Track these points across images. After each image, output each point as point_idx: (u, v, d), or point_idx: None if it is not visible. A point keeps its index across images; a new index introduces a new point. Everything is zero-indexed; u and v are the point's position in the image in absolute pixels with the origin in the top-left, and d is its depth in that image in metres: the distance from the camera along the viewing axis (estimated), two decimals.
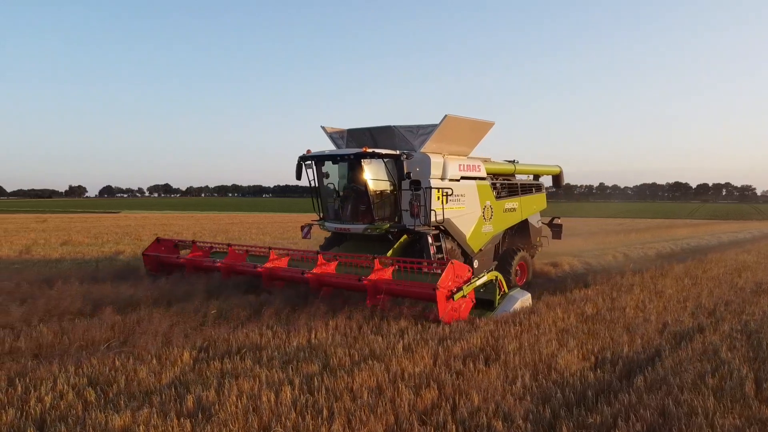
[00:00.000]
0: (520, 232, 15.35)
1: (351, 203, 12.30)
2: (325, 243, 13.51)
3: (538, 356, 7.07)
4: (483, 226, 13.21)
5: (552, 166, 17.35)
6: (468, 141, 13.01)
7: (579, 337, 8.07)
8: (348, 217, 12.32)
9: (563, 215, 54.05)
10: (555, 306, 10.20)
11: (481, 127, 13.09)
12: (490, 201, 13.44)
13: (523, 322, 8.82)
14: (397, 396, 5.59)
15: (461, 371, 6.43)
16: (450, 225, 12.13)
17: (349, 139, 13.32)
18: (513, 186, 14.89)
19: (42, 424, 5.03)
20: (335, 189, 12.71)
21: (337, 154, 12.02)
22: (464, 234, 12.55)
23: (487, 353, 7.17)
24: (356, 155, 11.46)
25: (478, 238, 13.05)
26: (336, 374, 6.17)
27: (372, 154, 11.29)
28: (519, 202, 14.83)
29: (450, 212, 12.05)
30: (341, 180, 12.69)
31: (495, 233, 13.74)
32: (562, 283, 14.22)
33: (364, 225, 11.78)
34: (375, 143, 12.61)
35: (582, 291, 11.98)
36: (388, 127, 12.54)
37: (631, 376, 6.42)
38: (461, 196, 12.48)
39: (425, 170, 11.77)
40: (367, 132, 12.99)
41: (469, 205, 12.71)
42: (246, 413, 5.07)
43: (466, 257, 12.67)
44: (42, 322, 8.44)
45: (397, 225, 11.76)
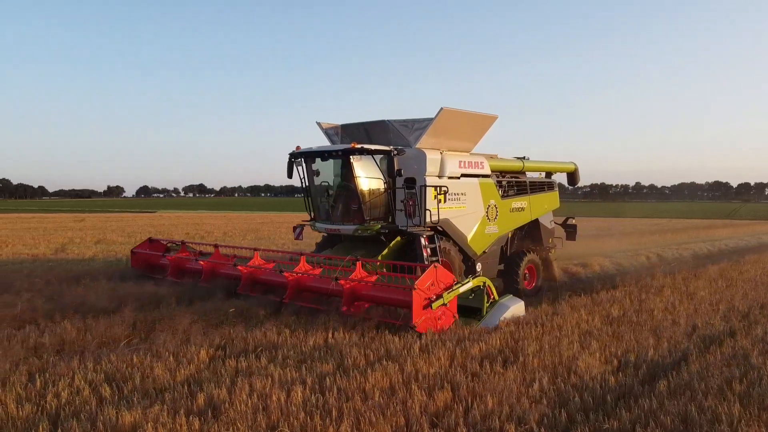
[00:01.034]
0: (530, 233, 14.49)
1: (341, 203, 11.74)
2: (319, 245, 12.96)
3: (558, 359, 6.89)
4: (487, 227, 12.43)
5: (566, 163, 16.35)
6: (469, 136, 12.24)
7: (602, 340, 7.85)
8: (338, 217, 11.75)
9: (597, 215, 53.27)
10: (579, 307, 9.97)
11: (483, 121, 12.32)
12: (494, 200, 12.64)
13: (545, 324, 8.63)
14: (409, 397, 5.51)
15: (477, 373, 6.31)
16: (449, 225, 11.44)
17: (343, 134, 12.67)
18: (521, 184, 13.97)
19: (56, 419, 5.10)
20: (326, 187, 12.07)
21: (325, 150, 11.40)
22: (465, 235, 11.83)
23: (505, 355, 7.02)
24: (344, 151, 10.91)
25: (481, 239, 12.29)
26: (349, 374, 6.11)
27: (361, 150, 10.68)
28: (528, 201, 13.93)
29: (449, 212, 11.38)
30: (331, 178, 11.99)
31: (500, 234, 12.91)
32: (590, 284, 13.91)
33: (355, 226, 11.20)
34: (369, 139, 11.95)
35: (609, 292, 11.68)
36: (382, 122, 11.94)
37: (654, 381, 6.20)
38: (461, 194, 11.78)
39: (420, 167, 11.07)
40: (361, 127, 12.37)
41: (470, 205, 11.99)
42: (255, 412, 5.05)
43: (468, 260, 11.98)
44: (66, 318, 8.59)
45: (390, 226, 11.12)
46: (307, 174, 11.94)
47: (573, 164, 16.38)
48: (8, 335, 7.71)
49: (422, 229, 10.83)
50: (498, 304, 9.11)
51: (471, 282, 8.80)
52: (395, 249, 10.98)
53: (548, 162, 15.68)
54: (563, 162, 16.32)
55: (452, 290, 8.33)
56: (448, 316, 8.37)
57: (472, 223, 12.03)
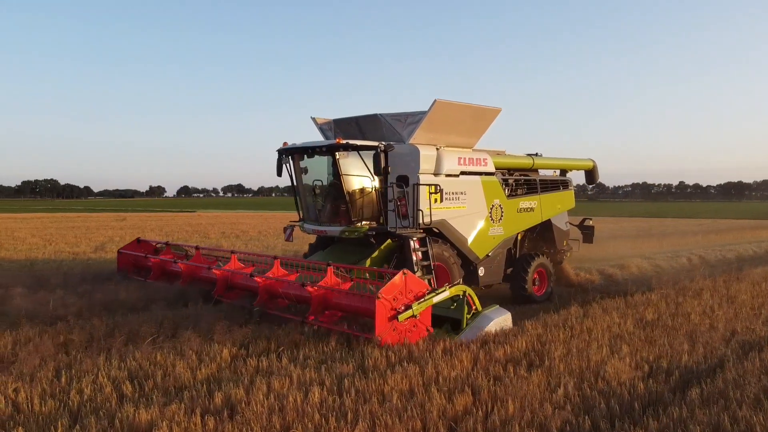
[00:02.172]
0: (542, 235, 13.66)
1: (329, 203, 11.12)
2: (311, 246, 12.36)
3: (586, 363, 6.67)
4: (490, 229, 11.65)
5: (583, 160, 15.38)
6: (470, 131, 11.38)
7: (634, 344, 7.58)
8: (325, 217, 11.14)
9: (637, 215, 52.12)
10: (611, 310, 9.66)
11: (485, 114, 11.40)
12: (499, 199, 11.84)
13: (574, 327, 8.39)
14: (427, 401, 5.39)
15: (500, 376, 6.15)
16: (446, 227, 10.74)
17: (336, 130, 12.02)
18: (531, 182, 13.11)
19: (77, 415, 5.17)
20: (313, 186, 11.41)
21: (308, 147, 10.71)
22: (465, 237, 11.11)
23: (530, 358, 6.84)
24: (328, 147, 10.27)
25: (484, 242, 11.52)
26: (369, 376, 6.03)
27: (346, 145, 10.02)
28: (538, 201, 13.03)
29: (446, 212, 10.68)
30: (319, 176, 11.32)
31: (506, 237, 12.10)
32: (625, 286, 13.50)
33: (341, 227, 10.54)
34: (362, 134, 11.45)
35: (644, 295, 11.29)
36: (374, 116, 11.30)
37: (686, 388, 5.93)
38: (461, 193, 11.02)
39: (413, 164, 10.34)
40: (354, 122, 11.75)
41: (471, 205, 11.23)
42: (271, 413, 5.02)
43: (469, 264, 11.31)
44: (96, 315, 8.75)
45: (378, 227, 10.42)
46: (294, 172, 11.34)
47: (591, 161, 15.47)
48: (40, 331, 7.89)
49: (413, 231, 10.10)
50: (481, 316, 8.16)
51: (447, 291, 7.91)
52: (385, 253, 10.26)
53: (562, 159, 14.77)
54: (579, 158, 15.36)
55: (424, 300, 7.53)
56: (420, 329, 7.55)
57: (474, 225, 11.33)
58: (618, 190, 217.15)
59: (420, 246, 9.93)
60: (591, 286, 14.32)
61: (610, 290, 12.70)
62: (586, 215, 16.22)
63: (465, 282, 11.04)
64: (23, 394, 5.60)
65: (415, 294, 7.55)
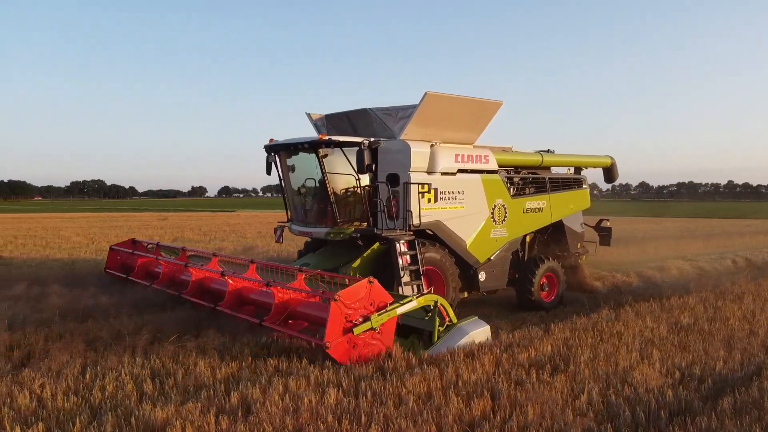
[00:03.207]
0: (554, 237, 12.85)
1: (315, 203, 10.62)
2: (303, 248, 11.88)
3: (613, 368, 6.46)
4: (492, 231, 10.88)
5: (600, 157, 14.35)
6: (469, 126, 10.62)
7: (666, 349, 7.31)
8: (311, 218, 10.63)
9: (682, 215, 50.57)
10: (645, 314, 9.35)
11: (484, 108, 10.61)
12: (502, 199, 11.04)
13: (604, 331, 8.15)
14: (444, 404, 5.30)
15: (522, 381, 6.00)
16: (441, 229, 10.04)
17: (328, 126, 11.44)
18: (539, 181, 12.23)
19: (97, 411, 5.26)
20: (300, 185, 10.80)
21: (291, 143, 10.17)
22: (463, 240, 10.38)
23: (555, 363, 6.65)
24: (311, 144, 9.72)
25: (485, 245, 10.77)
26: (387, 378, 5.96)
27: (328, 142, 9.47)
28: (547, 201, 12.15)
29: (441, 213, 9.98)
30: (307, 174, 10.62)
31: (511, 239, 11.30)
32: (664, 288, 13.05)
33: (326, 228, 10.05)
34: (354, 130, 10.85)
35: (682, 298, 10.90)
36: (364, 111, 10.69)
37: (718, 397, 5.67)
38: (458, 193, 10.28)
39: (404, 161, 9.66)
40: (345, 117, 11.15)
41: (470, 205, 10.47)
42: (284, 414, 5.00)
43: (468, 269, 10.59)
44: (125, 313, 8.93)
45: (364, 229, 9.81)
46: (281, 170, 10.81)
47: (609, 158, 14.49)
48: (71, 329, 8.10)
49: (401, 233, 9.41)
50: (455, 328, 7.43)
51: (414, 301, 7.15)
52: (373, 256, 9.58)
53: (576, 155, 13.87)
54: (595, 155, 14.38)
55: (385, 312, 6.79)
56: (380, 343, 6.80)
57: (473, 226, 10.57)
58: (662, 190, 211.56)
59: (408, 249, 9.28)
60: (628, 288, 13.90)
61: (647, 293, 12.29)
62: (612, 216, 15.61)
63: (465, 287, 10.67)
64: (48, 389, 5.73)
65: (377, 305, 6.83)
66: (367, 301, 6.74)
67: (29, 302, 9.78)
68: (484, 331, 7.65)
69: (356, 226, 9.90)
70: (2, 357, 6.93)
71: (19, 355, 7.03)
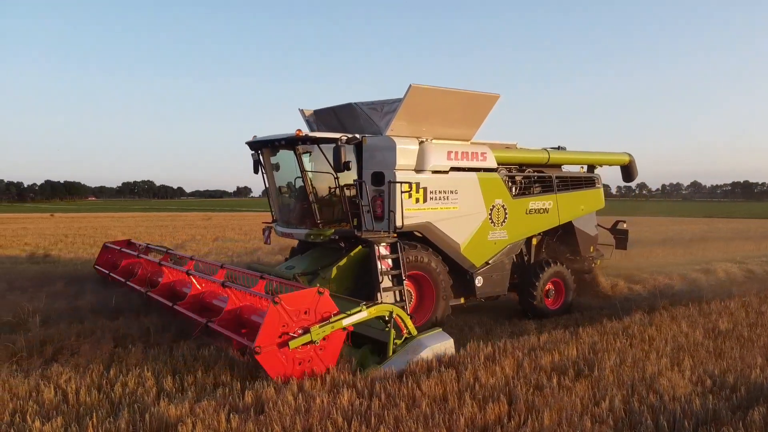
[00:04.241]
0: (564, 239, 12.15)
1: (297, 202, 10.18)
2: (293, 250, 11.43)
3: (640, 375, 6.23)
4: (490, 233, 10.23)
5: (617, 154, 13.44)
6: (464, 121, 10.04)
7: (699, 356, 7.00)
8: (293, 219, 10.19)
9: (736, 216, 48.70)
10: (681, 318, 8.99)
11: (479, 101, 9.99)
12: (501, 199, 10.37)
13: (635, 335, 7.87)
14: (458, 408, 5.20)
15: (541, 385, 5.84)
16: (432, 231, 9.48)
17: (317, 122, 10.98)
18: (544, 180, 11.49)
19: (116, 407, 5.39)
20: (284, 184, 10.42)
21: (268, 140, 9.70)
22: (457, 242, 9.78)
23: (579, 367, 6.46)
24: (287, 140, 9.24)
25: (482, 247, 10.16)
26: (402, 379, 5.89)
27: (305, 138, 9.01)
28: (554, 201, 11.39)
29: (431, 214, 9.41)
30: (289, 172, 10.11)
31: (512, 242, 10.63)
32: (708, 292, 12.55)
33: (306, 230, 9.61)
34: (342, 125, 10.36)
35: (723, 302, 10.43)
36: (349, 105, 10.19)
37: (749, 408, 5.38)
38: (451, 192, 9.66)
39: (389, 159, 9.12)
40: (332, 112, 10.65)
41: (465, 205, 9.84)
42: (295, 414, 4.99)
43: (462, 274, 10.04)
44: (155, 311, 9.11)
45: (343, 230, 9.32)
46: (265, 168, 10.38)
47: (627, 155, 13.50)
48: (102, 325, 8.32)
49: (383, 235, 8.87)
50: (414, 341, 6.74)
51: (365, 311, 6.44)
52: (356, 260, 9.08)
53: (587, 152, 12.95)
54: (611, 152, 13.44)
55: (328, 323, 6.16)
56: (326, 358, 6.22)
57: (468, 228, 9.94)
58: (716, 190, 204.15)
59: (390, 252, 8.76)
60: (669, 291, 13.44)
61: (688, 296, 11.82)
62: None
63: (460, 293, 10.22)
64: (73, 384, 5.90)
65: (320, 314, 6.22)
66: (312, 313, 6.16)
67: (66, 299, 10.13)
68: (447, 344, 6.88)
69: (337, 228, 9.44)
70: (35, 352, 7.17)
71: (50, 350, 7.26)
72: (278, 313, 5.90)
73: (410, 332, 6.80)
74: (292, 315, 6.01)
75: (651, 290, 13.52)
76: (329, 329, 6.16)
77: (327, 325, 6.14)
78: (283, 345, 5.90)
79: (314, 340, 6.05)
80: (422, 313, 9.28)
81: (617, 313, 9.53)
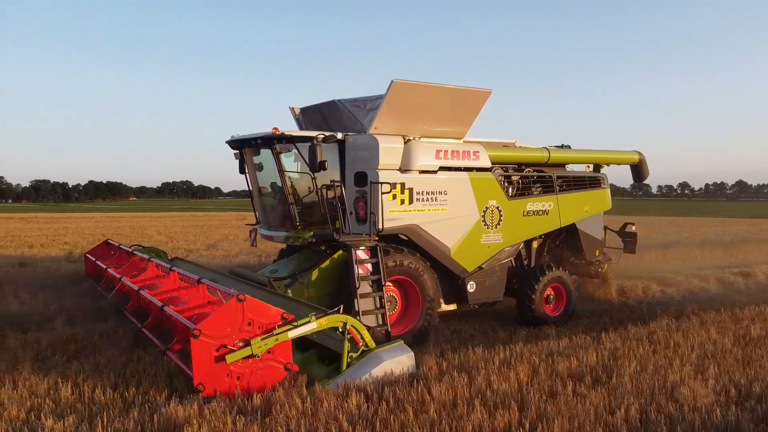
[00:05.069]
0: (567, 243, 11.52)
1: (276, 204, 9.86)
2: (282, 252, 11.00)
3: (660, 383, 6.02)
4: (483, 236, 9.70)
5: (624, 153, 12.72)
6: (455, 118, 9.49)
7: (726, 364, 6.74)
8: (274, 221, 9.85)
9: None
10: (710, 324, 8.67)
11: (469, 97, 9.41)
12: (496, 200, 9.84)
13: (660, 341, 7.63)
14: (466, 414, 5.11)
15: (556, 392, 5.71)
16: (418, 234, 9.01)
17: (304, 120, 10.55)
18: (544, 180, 10.89)
19: (129, 407, 5.49)
20: (271, 184, 10.06)
21: (244, 139, 9.38)
22: (446, 246, 9.29)
23: (597, 374, 6.30)
24: (263, 139, 8.93)
25: (474, 251, 9.63)
26: (413, 384, 5.83)
27: (280, 137, 8.63)
28: (555, 202, 10.77)
29: (418, 216, 8.96)
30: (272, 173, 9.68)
31: (507, 245, 10.08)
32: (743, 296, 12.11)
33: (285, 232, 9.29)
34: (327, 123, 9.99)
35: (758, 307, 10.02)
36: (333, 103, 9.81)
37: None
38: (440, 193, 9.19)
39: (371, 158, 8.70)
40: (317, 110, 10.27)
41: (455, 206, 9.36)
42: (300, 417, 4.99)
43: (453, 279, 9.60)
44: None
45: (322, 233, 8.85)
46: (248, 168, 10.02)
47: (636, 153, 12.74)
48: (125, 325, 8.47)
49: (365, 237, 8.52)
50: (370, 355, 6.19)
51: (314, 322, 5.96)
52: (338, 264, 8.69)
53: (592, 151, 12.27)
54: (618, 151, 12.69)
55: (271, 336, 5.74)
56: (273, 371, 5.79)
57: (459, 231, 9.45)
58: (762, 189, 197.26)
59: (370, 256, 8.34)
60: (705, 295, 12.98)
61: (722, 300, 11.40)
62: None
63: (452, 299, 9.76)
64: (90, 383, 6.03)
65: (264, 327, 5.79)
66: (244, 322, 5.70)
67: (93, 298, 10.36)
68: (405, 359, 6.33)
69: (317, 230, 9.03)
70: (58, 350, 7.35)
71: (73, 348, 7.45)
72: (204, 346, 5.48)
73: (367, 345, 6.26)
74: (220, 336, 5.57)
75: (684, 294, 13.10)
76: (272, 342, 5.72)
77: (271, 338, 5.72)
78: (220, 360, 5.54)
79: (256, 354, 5.64)
80: (408, 319, 8.89)
81: (644, 318, 9.26)
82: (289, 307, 6.41)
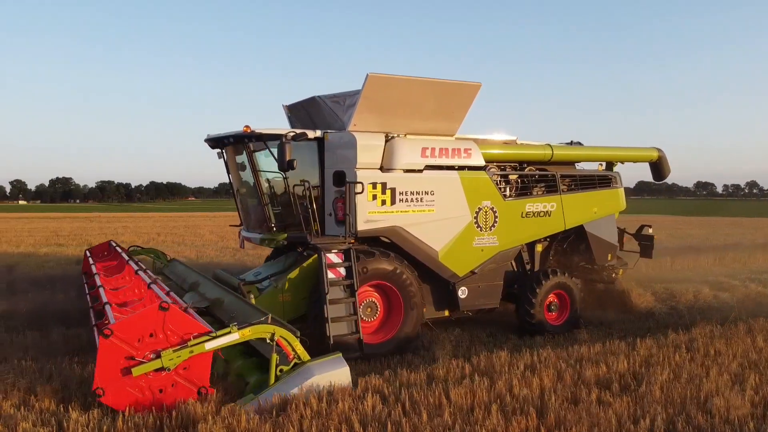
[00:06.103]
0: (575, 247, 10.68)
1: (255, 205, 9.44)
2: (271, 255, 10.60)
3: (693, 392, 5.76)
4: (475, 238, 9.11)
5: (641, 150, 11.76)
6: (443, 113, 8.96)
7: (767, 374, 6.37)
8: (252, 222, 9.57)
9: None
10: (757, 331, 8.21)
11: (456, 92, 8.89)
12: (490, 200, 9.23)
13: (699, 348, 7.28)
14: (482, 419, 5.02)
15: (578, 399, 5.54)
16: (401, 236, 8.50)
17: (292, 118, 10.22)
18: (547, 179, 10.17)
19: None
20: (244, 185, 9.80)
21: (220, 137, 9.04)
22: (433, 249, 8.75)
23: (625, 382, 6.08)
24: (235, 138, 8.66)
25: (465, 255, 9.04)
26: (432, 387, 5.77)
27: (250, 135, 8.31)
28: (558, 203, 10.00)
29: (401, 217, 8.46)
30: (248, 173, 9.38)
31: (503, 249, 9.40)
32: None
33: (261, 234, 9.00)
34: (312, 122, 9.66)
35: None
36: (313, 99, 9.48)
37: None
38: (426, 193, 8.66)
39: (350, 157, 8.31)
40: (301, 107, 9.92)
41: (443, 208, 8.81)
42: (314, 417, 5.01)
43: (443, 284, 9.10)
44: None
45: (297, 235, 8.52)
46: (229, 168, 9.66)
47: (656, 150, 11.74)
48: None
49: (335, 240, 8.11)
50: (302, 368, 5.78)
51: (236, 334, 5.57)
52: (311, 269, 8.28)
53: (604, 148, 11.37)
54: (634, 148, 11.74)
55: (185, 347, 5.34)
56: (186, 387, 5.44)
57: (447, 233, 8.91)
58: None
59: (343, 260, 7.91)
60: (766, 300, 12.33)
61: None
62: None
63: (442, 306, 9.25)
64: None
65: (180, 337, 5.43)
66: (163, 333, 5.36)
67: None
68: (340, 373, 5.89)
69: (291, 232, 8.71)
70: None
71: None
72: (112, 347, 5.15)
73: (299, 357, 5.87)
74: (133, 343, 5.25)
75: (741, 299, 12.47)
76: (187, 354, 5.34)
77: (184, 349, 5.34)
78: (127, 372, 5.18)
79: (166, 367, 5.26)
80: (390, 326, 8.44)
81: (687, 324, 8.87)
82: (248, 313, 6.39)
